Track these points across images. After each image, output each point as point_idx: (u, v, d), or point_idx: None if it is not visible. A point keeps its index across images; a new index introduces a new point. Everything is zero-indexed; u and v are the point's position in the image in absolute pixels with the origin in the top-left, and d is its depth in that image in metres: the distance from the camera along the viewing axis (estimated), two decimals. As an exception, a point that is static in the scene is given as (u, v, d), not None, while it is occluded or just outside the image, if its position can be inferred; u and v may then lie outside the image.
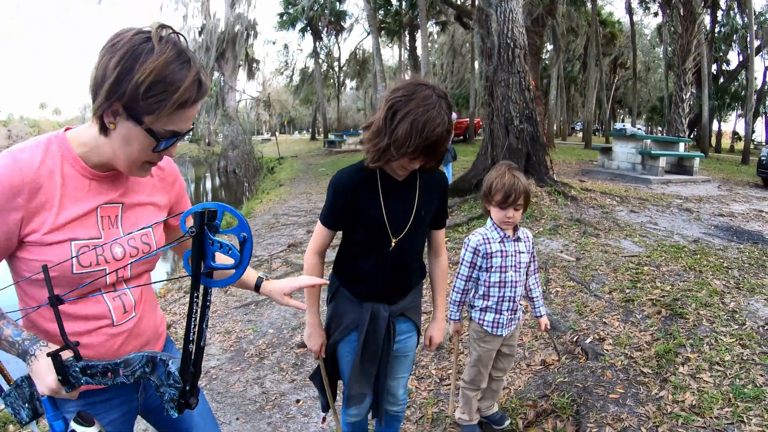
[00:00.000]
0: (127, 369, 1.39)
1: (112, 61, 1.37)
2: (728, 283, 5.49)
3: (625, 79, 52.29)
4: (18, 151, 1.48)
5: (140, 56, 1.36)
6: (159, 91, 1.38)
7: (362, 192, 2.28)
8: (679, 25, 20.52)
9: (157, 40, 1.39)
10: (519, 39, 9.41)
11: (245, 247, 1.25)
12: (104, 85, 1.38)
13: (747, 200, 11.40)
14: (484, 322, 3.17)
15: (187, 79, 1.41)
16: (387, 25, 39.07)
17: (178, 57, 1.41)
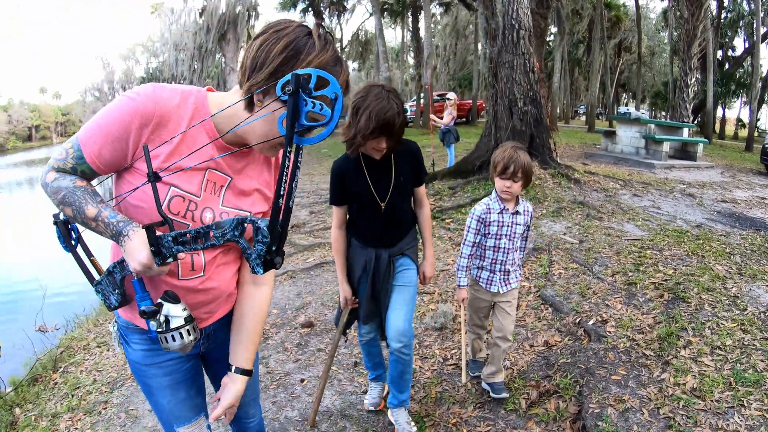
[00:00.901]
0: (218, 231, 1.44)
1: (278, 46, 1.47)
2: (730, 269, 5.50)
3: (629, 63, 52.00)
4: (160, 87, 1.58)
5: (304, 48, 1.48)
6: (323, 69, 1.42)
7: (351, 173, 3.05)
8: (686, 10, 20.38)
9: (317, 37, 1.51)
10: (524, 20, 9.35)
11: (336, 104, 1.30)
12: (266, 66, 1.48)
13: (750, 187, 11.39)
14: (479, 279, 3.63)
15: (340, 78, 1.52)
16: (390, 6, 38.80)
17: (335, 58, 1.54)
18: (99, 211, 1.54)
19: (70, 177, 1.59)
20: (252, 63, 1.50)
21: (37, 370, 5.40)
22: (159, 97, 1.55)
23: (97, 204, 1.55)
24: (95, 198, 1.57)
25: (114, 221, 1.53)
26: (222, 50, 41.16)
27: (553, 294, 5.24)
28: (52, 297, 8.72)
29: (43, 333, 6.44)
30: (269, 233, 1.34)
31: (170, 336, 1.56)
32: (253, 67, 1.50)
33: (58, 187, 1.57)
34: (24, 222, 18.29)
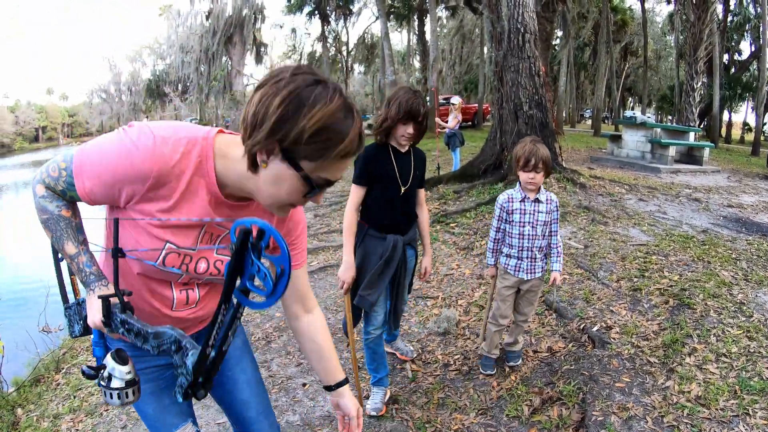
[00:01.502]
0: (155, 341, 1.43)
1: (276, 99, 1.31)
2: (736, 275, 5.47)
3: (635, 67, 51.93)
4: (162, 141, 1.44)
5: (307, 99, 1.31)
6: (323, 140, 1.33)
7: (380, 157, 3.46)
8: (692, 14, 20.30)
9: (323, 85, 1.34)
10: (529, 24, 9.33)
11: (281, 279, 1.21)
12: (265, 123, 1.32)
13: (756, 192, 11.33)
14: (507, 266, 3.94)
15: (352, 132, 1.36)
16: (396, 10, 38.84)
17: (344, 106, 1.36)
18: (78, 253, 1.58)
19: (57, 202, 1.57)
20: (252, 120, 1.35)
21: (39, 370, 5.42)
22: (159, 155, 1.43)
23: (77, 244, 1.59)
24: (78, 236, 1.60)
25: (87, 271, 1.58)
26: (228, 53, 41.30)
27: (557, 299, 5.21)
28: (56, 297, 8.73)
29: (46, 333, 6.44)
30: (192, 372, 1.32)
31: (109, 393, 1.52)
32: (253, 124, 1.35)
33: (44, 209, 1.57)
34: (29, 222, 18.31)
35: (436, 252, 7.08)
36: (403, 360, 4.52)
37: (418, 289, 6.09)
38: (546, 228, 3.85)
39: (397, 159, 3.49)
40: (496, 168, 9.99)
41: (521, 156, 3.64)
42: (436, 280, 6.29)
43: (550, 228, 3.89)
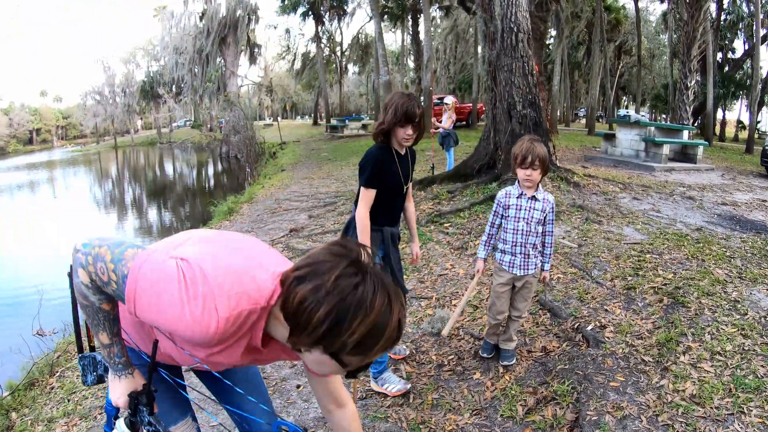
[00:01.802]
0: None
1: (319, 312, 1.33)
2: (731, 273, 5.47)
3: (629, 66, 52.03)
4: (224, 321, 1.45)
5: (348, 312, 1.33)
6: (365, 343, 1.37)
7: (387, 159, 3.64)
8: (685, 12, 20.36)
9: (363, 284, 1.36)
10: (522, 23, 9.32)
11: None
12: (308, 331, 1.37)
13: (750, 189, 11.35)
14: (502, 262, 4.07)
15: (390, 326, 1.38)
16: (390, 10, 38.82)
17: (385, 302, 1.38)
18: (111, 344, 1.67)
19: (99, 295, 1.59)
20: (293, 320, 1.39)
21: (33, 374, 5.38)
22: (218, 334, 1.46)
23: (111, 336, 1.66)
24: (113, 327, 1.66)
25: (116, 360, 1.70)
26: (222, 54, 41.20)
27: (551, 299, 5.20)
28: (50, 300, 8.70)
29: (40, 337, 6.42)
30: None
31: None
32: (295, 324, 1.40)
33: (85, 296, 1.59)
34: (23, 225, 18.27)
35: (430, 252, 7.07)
36: (397, 359, 4.51)
37: (412, 289, 6.08)
38: (540, 226, 3.95)
39: (399, 161, 3.71)
40: (489, 167, 9.98)
41: (519, 154, 3.76)
42: (430, 280, 6.28)
43: (545, 227, 3.99)
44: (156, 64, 59.87)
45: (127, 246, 1.52)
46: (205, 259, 1.49)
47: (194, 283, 1.42)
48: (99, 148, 68.23)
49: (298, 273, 1.41)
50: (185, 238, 1.73)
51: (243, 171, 26.42)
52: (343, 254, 1.41)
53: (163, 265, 1.46)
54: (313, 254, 1.46)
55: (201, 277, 1.43)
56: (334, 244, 1.47)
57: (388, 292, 1.38)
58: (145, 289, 1.44)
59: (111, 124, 71.40)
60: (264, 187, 16.64)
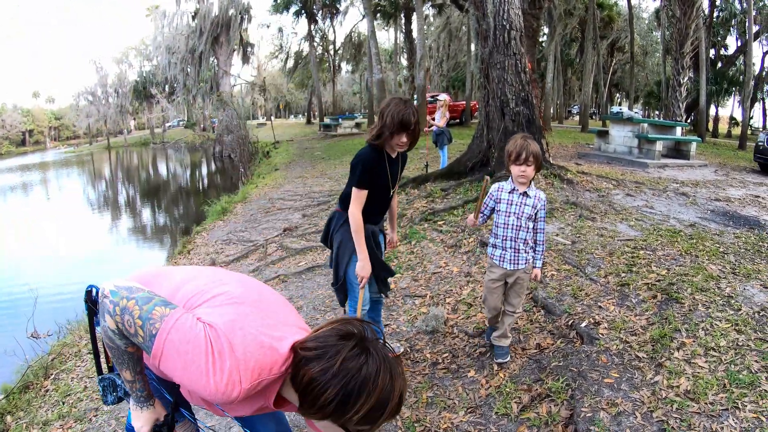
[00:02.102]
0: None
1: (328, 392, 1.46)
2: (724, 268, 5.48)
3: (622, 63, 52.19)
4: (245, 392, 1.53)
5: (354, 391, 1.45)
6: (370, 417, 1.48)
7: (378, 162, 3.70)
8: (678, 9, 20.38)
9: (367, 364, 1.48)
10: (515, 21, 9.32)
11: None
12: (317, 408, 1.50)
13: (744, 185, 11.37)
14: (493, 256, 4.15)
15: (392, 401, 1.50)
16: (382, 8, 38.84)
17: (388, 378, 1.50)
18: (134, 380, 1.79)
19: (125, 341, 1.68)
20: (303, 396, 1.53)
21: (28, 377, 5.37)
22: (237, 400, 1.55)
23: (134, 374, 1.77)
24: (136, 367, 1.77)
25: (138, 394, 1.82)
26: (215, 53, 41.13)
27: (545, 296, 5.20)
28: (44, 303, 8.68)
29: (35, 339, 6.40)
30: None
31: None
32: (304, 397, 1.53)
33: (112, 339, 1.67)
34: (17, 227, 18.21)
35: (423, 250, 7.07)
36: None
37: (406, 287, 6.08)
38: (531, 222, 4.01)
39: (390, 164, 3.79)
40: (483, 165, 9.97)
41: (513, 151, 3.84)
42: (423, 278, 6.28)
43: (536, 224, 4.04)
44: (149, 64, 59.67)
45: (155, 304, 1.59)
46: (234, 332, 1.55)
47: (222, 356, 1.51)
48: (92, 149, 68.06)
49: (307, 354, 1.54)
50: (213, 291, 1.77)
51: (236, 170, 26.38)
52: (348, 335, 1.54)
53: (192, 332, 1.53)
54: (320, 335, 1.58)
55: (228, 351, 1.51)
56: (339, 323, 1.61)
57: (390, 369, 1.51)
58: (171, 353, 1.53)
59: (104, 125, 71.18)
60: (257, 187, 16.62)
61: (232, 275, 1.95)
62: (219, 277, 1.87)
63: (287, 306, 1.87)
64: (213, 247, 9.38)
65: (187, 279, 1.87)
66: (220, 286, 1.78)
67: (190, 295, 1.76)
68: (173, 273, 1.95)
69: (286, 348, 1.61)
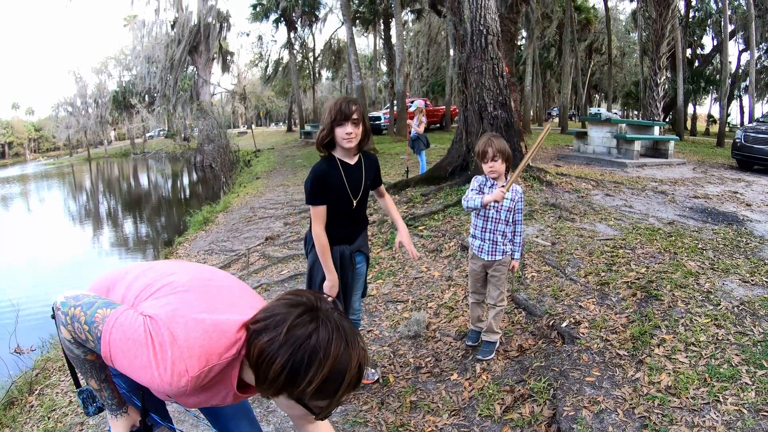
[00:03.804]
0: None
1: (276, 364, 1.40)
2: (703, 264, 5.53)
3: (600, 65, 52.54)
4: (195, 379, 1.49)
5: (303, 362, 1.38)
6: (324, 390, 1.41)
7: (330, 173, 3.47)
8: (653, 11, 20.56)
9: (317, 331, 1.41)
10: (492, 26, 9.36)
11: None
12: (269, 383, 1.44)
13: (722, 182, 11.49)
14: (473, 247, 4.32)
15: (349, 371, 1.42)
16: (361, 15, 38.87)
17: (341, 345, 1.42)
18: (100, 389, 1.80)
19: (83, 348, 1.68)
20: (256, 369, 1.47)
21: (12, 393, 5.32)
22: (188, 390, 1.51)
23: (100, 382, 1.78)
24: (100, 374, 1.77)
25: (109, 402, 1.83)
26: (194, 62, 40.95)
27: (525, 297, 5.22)
28: (27, 318, 8.60)
29: (18, 355, 6.34)
30: None
31: None
32: (257, 374, 1.47)
33: (70, 350, 1.68)
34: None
35: (404, 256, 7.06)
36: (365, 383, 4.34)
37: (388, 293, 6.08)
38: (510, 215, 4.18)
39: (347, 172, 3.56)
40: (462, 169, 10.01)
41: (479, 150, 4.03)
42: (405, 283, 6.28)
43: (514, 216, 4.22)
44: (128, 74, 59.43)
45: (98, 306, 1.59)
46: (175, 321, 1.52)
47: (163, 347, 1.47)
48: (72, 161, 67.53)
49: (255, 326, 1.48)
50: (159, 283, 1.75)
51: (218, 180, 26.28)
52: (297, 304, 1.47)
53: (132, 328, 1.51)
54: (269, 306, 1.53)
55: (170, 341, 1.48)
56: (288, 294, 1.54)
57: (345, 338, 1.43)
58: (117, 352, 1.52)
59: (84, 136, 70.69)
60: (239, 196, 16.56)
61: (185, 265, 1.93)
62: (170, 269, 1.84)
63: (243, 289, 1.82)
64: (195, 257, 9.33)
65: (138, 275, 1.85)
66: (167, 277, 1.77)
67: (138, 291, 1.74)
68: (128, 272, 1.92)
69: (235, 328, 1.56)
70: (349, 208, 3.62)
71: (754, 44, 25.86)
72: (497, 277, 4.27)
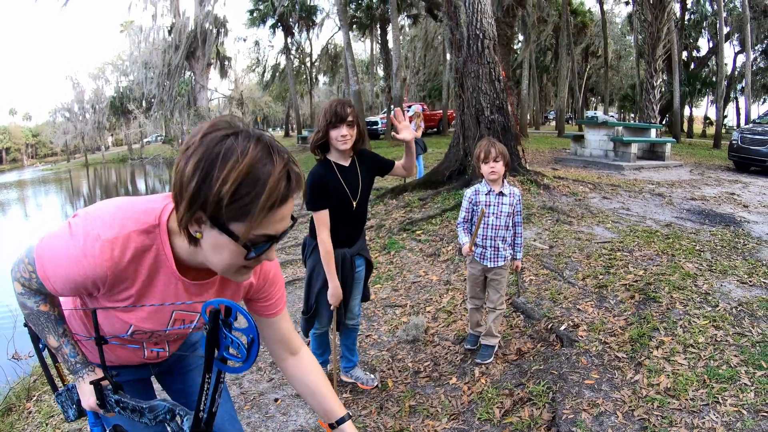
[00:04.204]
0: (151, 414, 1.55)
1: (188, 168, 1.23)
2: (701, 266, 5.54)
3: (597, 68, 52.60)
4: (109, 244, 1.39)
5: (218, 159, 1.22)
6: (243, 196, 1.22)
7: (328, 176, 3.48)
8: (649, 14, 20.62)
9: (234, 137, 1.25)
10: (488, 30, 9.39)
11: (252, 347, 1.34)
12: (184, 196, 1.25)
13: (719, 183, 11.51)
14: (474, 253, 4.26)
15: (272, 179, 1.23)
16: (358, 20, 38.90)
17: (261, 153, 1.24)
18: (60, 345, 1.66)
19: (35, 298, 1.61)
20: (174, 193, 1.30)
21: (10, 399, 5.31)
22: (108, 260, 1.39)
23: (58, 338, 1.65)
24: (57, 328, 1.65)
25: (72, 360, 1.68)
26: (191, 68, 41.02)
27: (524, 301, 5.22)
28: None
29: (16, 361, 6.33)
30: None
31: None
32: (176, 197, 1.29)
33: (24, 305, 1.62)
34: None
35: (402, 260, 7.08)
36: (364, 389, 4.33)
37: (386, 297, 6.08)
38: (509, 219, 4.20)
39: (343, 174, 3.56)
40: (460, 173, 10.03)
41: (480, 152, 4.06)
42: (403, 288, 6.28)
43: (514, 219, 4.25)
44: (125, 80, 59.50)
45: None
46: (90, 207, 1.49)
47: (77, 225, 1.42)
48: (70, 166, 67.54)
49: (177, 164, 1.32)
50: None
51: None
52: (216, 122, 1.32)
53: (56, 229, 1.48)
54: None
55: (83, 218, 1.43)
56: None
57: (268, 146, 1.27)
58: (48, 261, 1.45)
59: (81, 141, 70.69)
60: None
61: None
62: None
63: None
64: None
65: None
66: None
67: None
68: None
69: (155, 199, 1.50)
70: (349, 210, 3.61)
71: (750, 46, 25.90)
72: (498, 281, 4.29)
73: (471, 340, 4.62)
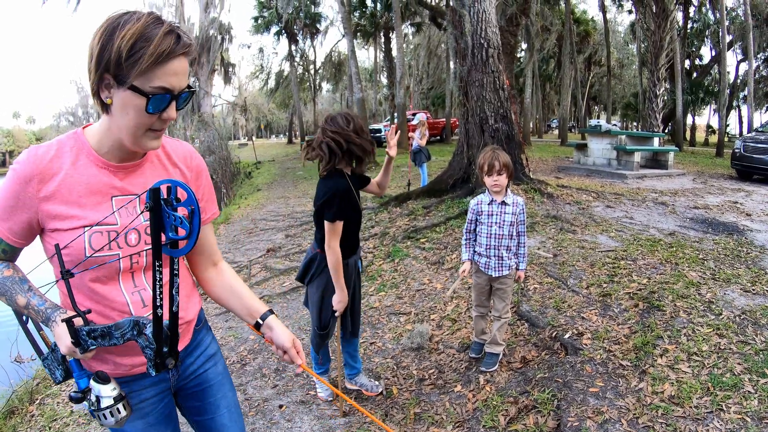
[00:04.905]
0: (118, 332, 1.54)
1: (95, 39, 1.47)
2: (704, 275, 5.55)
3: (599, 76, 52.67)
4: (35, 147, 1.62)
5: (119, 26, 1.44)
6: (138, 50, 1.44)
7: (349, 189, 3.53)
8: (652, 22, 20.70)
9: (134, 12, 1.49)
10: (492, 39, 9.43)
11: (194, 218, 1.37)
12: (92, 60, 1.48)
13: (722, 192, 11.52)
14: (479, 263, 4.31)
15: (158, 35, 1.46)
16: (362, 28, 39.03)
17: (153, 20, 1.49)
18: (28, 301, 1.65)
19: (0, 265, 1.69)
20: (87, 68, 1.52)
21: (13, 402, 5.31)
22: (34, 156, 1.59)
23: (25, 293, 1.66)
24: (23, 286, 1.68)
25: (42, 309, 1.64)
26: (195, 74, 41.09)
27: (528, 309, 5.24)
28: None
29: (18, 364, 6.34)
30: (155, 340, 1.49)
31: (102, 414, 1.62)
32: (88, 69, 1.51)
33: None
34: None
35: (406, 268, 7.09)
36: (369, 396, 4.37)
37: (390, 305, 6.09)
38: (513, 228, 4.19)
39: (353, 183, 3.66)
40: (464, 182, 10.04)
41: (483, 163, 4.06)
42: (408, 295, 6.30)
43: (517, 228, 4.23)
44: (129, 85, 59.48)
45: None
46: None
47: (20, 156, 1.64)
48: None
49: None
50: None
51: (219, 191, 26.27)
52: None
53: None
54: None
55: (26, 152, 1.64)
56: None
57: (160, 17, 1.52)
58: None
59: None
60: (240, 207, 16.56)
61: None
62: None
63: None
64: (197, 269, 9.33)
65: None
66: None
67: None
68: None
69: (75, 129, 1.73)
70: (358, 216, 3.76)
71: (752, 54, 25.97)
72: (503, 290, 4.31)
73: (475, 348, 4.65)
